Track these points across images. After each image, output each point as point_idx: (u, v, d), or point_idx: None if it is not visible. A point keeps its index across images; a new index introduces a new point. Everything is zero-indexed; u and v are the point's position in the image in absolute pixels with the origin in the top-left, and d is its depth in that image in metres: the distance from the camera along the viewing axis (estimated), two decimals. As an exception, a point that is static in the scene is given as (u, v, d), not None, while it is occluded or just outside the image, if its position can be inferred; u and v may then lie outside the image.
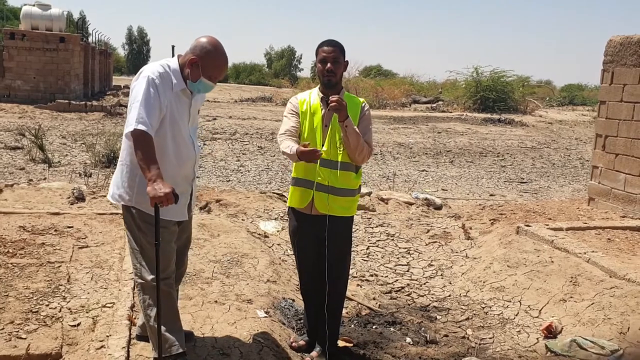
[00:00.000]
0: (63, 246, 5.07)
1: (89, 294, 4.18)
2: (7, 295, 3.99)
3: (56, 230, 5.47)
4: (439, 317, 4.86)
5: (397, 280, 5.61)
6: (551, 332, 4.35)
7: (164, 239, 3.10)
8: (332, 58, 3.59)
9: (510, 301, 4.98)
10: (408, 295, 5.29)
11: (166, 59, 3.27)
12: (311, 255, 3.82)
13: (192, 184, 3.36)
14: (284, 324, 4.20)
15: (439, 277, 5.72)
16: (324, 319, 3.78)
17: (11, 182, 8.58)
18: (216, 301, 4.15)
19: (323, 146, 3.62)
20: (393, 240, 6.62)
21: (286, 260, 5.60)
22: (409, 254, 6.26)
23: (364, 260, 6.00)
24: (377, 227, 6.98)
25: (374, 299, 5.12)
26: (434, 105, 34.39)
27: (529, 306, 4.84)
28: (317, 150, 3.40)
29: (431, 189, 10.59)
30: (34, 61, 23.86)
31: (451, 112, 30.51)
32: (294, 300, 4.58)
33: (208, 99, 32.48)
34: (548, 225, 6.40)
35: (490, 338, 4.46)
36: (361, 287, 5.35)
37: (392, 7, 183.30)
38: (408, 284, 5.53)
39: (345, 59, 3.66)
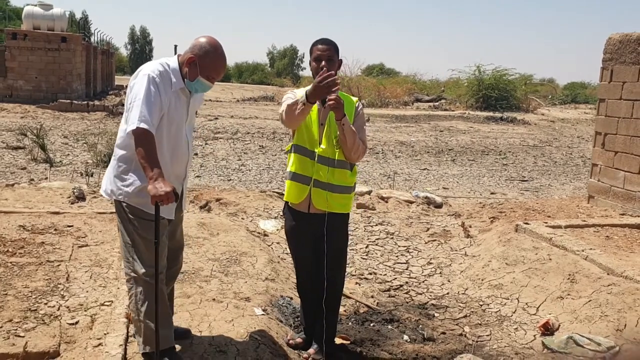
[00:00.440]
0: (63, 245, 5.10)
1: (87, 292, 4.20)
2: (6, 294, 4.02)
3: (56, 230, 5.50)
4: (437, 314, 4.87)
5: (396, 278, 5.62)
6: (548, 329, 4.36)
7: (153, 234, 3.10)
8: (327, 56, 3.60)
9: (508, 299, 4.99)
10: (406, 293, 5.30)
11: (166, 57, 3.26)
12: (308, 253, 3.84)
13: (182, 183, 3.36)
14: (281, 321, 4.22)
15: (437, 275, 5.74)
16: (321, 315, 3.80)
17: (13, 181, 8.63)
18: (214, 299, 4.17)
19: (320, 144, 3.64)
20: (392, 238, 6.63)
21: (285, 259, 5.61)
22: (408, 252, 6.27)
23: (363, 259, 6.02)
24: (376, 225, 6.99)
25: (373, 297, 5.14)
26: (437, 103, 34.42)
27: (526, 303, 4.85)
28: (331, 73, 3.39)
29: (432, 187, 10.60)
30: (36, 61, 23.93)
31: (453, 111, 30.52)
32: (292, 298, 4.60)
33: (210, 98, 32.56)
34: (547, 223, 6.40)
35: (488, 335, 4.47)
36: (360, 285, 5.37)
37: (395, 6, 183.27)
38: (407, 282, 5.54)
39: (339, 57, 3.68)
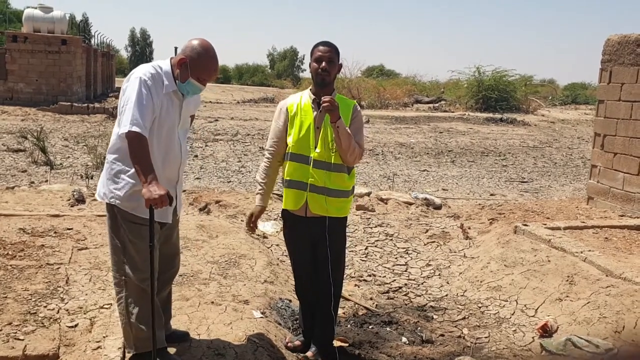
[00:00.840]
0: (62, 248, 5.11)
1: (87, 295, 4.21)
2: (5, 297, 4.03)
3: (56, 232, 5.51)
4: (435, 316, 4.88)
5: (395, 280, 5.63)
6: (547, 331, 4.36)
7: (144, 238, 3.09)
8: (328, 58, 3.62)
9: (507, 300, 5.00)
10: (405, 295, 5.31)
11: (158, 60, 3.28)
12: (306, 257, 3.85)
13: (176, 186, 3.33)
14: (280, 324, 4.23)
15: (436, 277, 5.74)
16: (319, 318, 3.81)
17: (13, 184, 8.65)
18: (213, 302, 4.17)
19: (316, 148, 3.65)
20: (392, 240, 6.64)
21: (284, 261, 5.62)
22: (407, 254, 6.28)
23: (362, 261, 6.03)
24: (375, 227, 7.00)
25: (371, 299, 5.15)
26: (436, 105, 34.47)
27: (525, 305, 4.85)
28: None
29: (432, 188, 10.60)
30: (36, 64, 23.99)
31: (453, 112, 30.54)
32: (290, 301, 4.61)
33: (210, 100, 32.61)
34: (546, 224, 6.40)
35: (486, 337, 4.47)
36: (359, 287, 5.38)
37: (395, 6, 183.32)
38: (406, 284, 5.55)
39: (340, 61, 3.70)
